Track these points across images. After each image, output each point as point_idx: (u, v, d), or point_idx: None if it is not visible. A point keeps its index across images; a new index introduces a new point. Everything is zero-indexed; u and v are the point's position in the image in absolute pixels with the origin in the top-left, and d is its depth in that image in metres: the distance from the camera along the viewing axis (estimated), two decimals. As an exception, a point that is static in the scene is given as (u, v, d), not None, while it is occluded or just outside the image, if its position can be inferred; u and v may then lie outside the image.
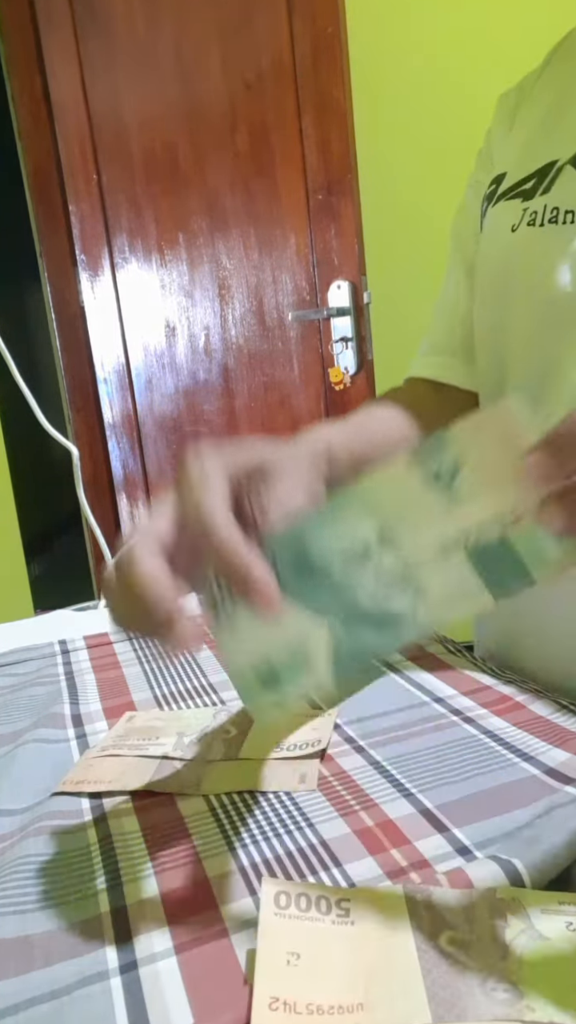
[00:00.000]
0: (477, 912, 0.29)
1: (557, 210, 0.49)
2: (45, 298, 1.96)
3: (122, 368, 1.91)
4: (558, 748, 0.42)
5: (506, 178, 0.55)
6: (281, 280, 1.79)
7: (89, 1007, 0.27)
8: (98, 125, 1.80)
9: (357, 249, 1.73)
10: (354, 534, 0.30)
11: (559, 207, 0.49)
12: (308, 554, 0.30)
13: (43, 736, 0.49)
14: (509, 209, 0.53)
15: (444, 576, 0.29)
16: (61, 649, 0.68)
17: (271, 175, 1.74)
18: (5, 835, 0.39)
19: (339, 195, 1.71)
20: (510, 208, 0.53)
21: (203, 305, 1.85)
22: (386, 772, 0.42)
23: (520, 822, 0.36)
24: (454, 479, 0.27)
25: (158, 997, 0.28)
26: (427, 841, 0.35)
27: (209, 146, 1.76)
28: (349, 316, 1.74)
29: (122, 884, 0.34)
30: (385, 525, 0.29)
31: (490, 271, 0.56)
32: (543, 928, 0.28)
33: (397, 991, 0.26)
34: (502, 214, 0.54)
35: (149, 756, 0.45)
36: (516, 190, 0.54)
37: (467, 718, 0.47)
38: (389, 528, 0.29)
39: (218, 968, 0.29)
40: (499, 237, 0.54)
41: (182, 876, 0.34)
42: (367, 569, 0.30)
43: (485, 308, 0.58)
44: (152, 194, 1.81)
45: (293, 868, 0.34)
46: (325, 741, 0.45)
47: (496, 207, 0.55)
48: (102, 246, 1.86)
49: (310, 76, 1.67)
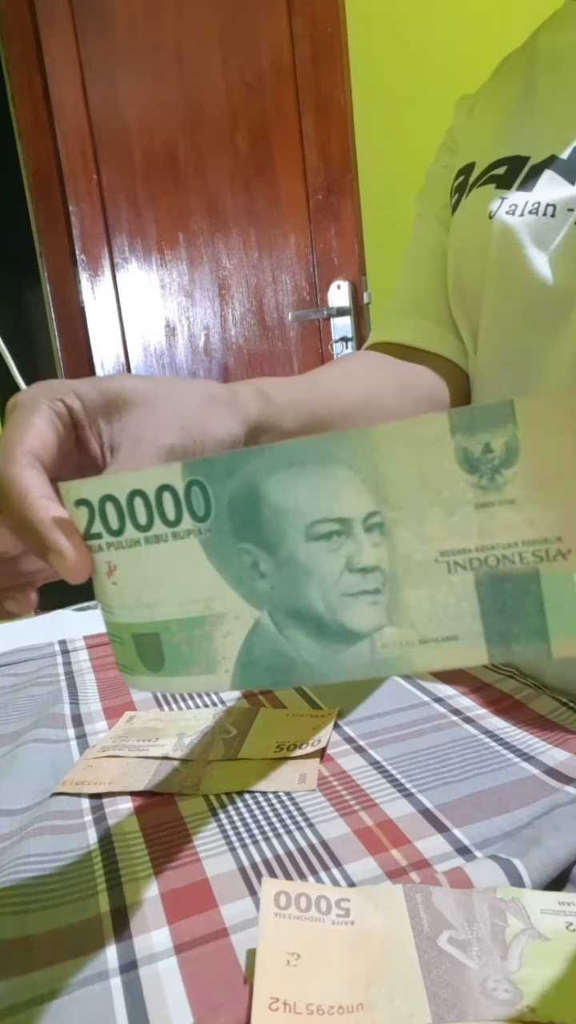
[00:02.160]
0: (477, 912, 0.29)
1: (538, 203, 0.50)
2: (45, 298, 1.96)
3: (122, 368, 1.91)
4: (558, 748, 0.42)
5: (475, 168, 0.56)
6: (281, 280, 1.79)
7: (89, 1007, 0.27)
8: (98, 125, 1.80)
9: (357, 249, 1.72)
10: (333, 501, 0.22)
11: (540, 201, 0.50)
12: (251, 505, 0.23)
13: (43, 736, 0.49)
14: (484, 195, 0.53)
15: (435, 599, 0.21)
16: (61, 649, 0.68)
17: (271, 175, 1.74)
18: (5, 835, 0.39)
19: (339, 195, 1.71)
20: (484, 194, 0.53)
21: (203, 305, 1.85)
22: (386, 772, 0.42)
23: (520, 822, 0.36)
24: (499, 472, 0.20)
25: (158, 997, 0.28)
26: (427, 841, 0.35)
27: (209, 146, 1.76)
28: (349, 316, 1.74)
29: (122, 884, 0.34)
30: (383, 503, 0.21)
31: (465, 254, 0.56)
32: (543, 928, 0.28)
33: (397, 991, 0.26)
34: (476, 201, 0.54)
35: (149, 757, 0.45)
36: (487, 175, 0.54)
37: (467, 718, 0.47)
38: (387, 508, 0.21)
39: (218, 968, 0.29)
40: (476, 222, 0.54)
41: (182, 876, 0.34)
42: (336, 554, 0.22)
43: (458, 291, 0.58)
44: (152, 194, 1.81)
45: (293, 868, 0.34)
46: (325, 741, 0.45)
47: (470, 196, 0.55)
48: (102, 246, 1.86)
49: (310, 76, 1.67)
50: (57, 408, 0.30)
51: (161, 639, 0.25)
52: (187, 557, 0.24)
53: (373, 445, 0.21)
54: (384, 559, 0.22)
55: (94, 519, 0.24)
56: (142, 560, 0.24)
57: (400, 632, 0.22)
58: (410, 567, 0.21)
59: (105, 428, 0.31)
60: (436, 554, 0.21)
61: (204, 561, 0.24)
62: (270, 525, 0.22)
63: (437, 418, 0.20)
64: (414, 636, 0.22)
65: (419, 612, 0.22)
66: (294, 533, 0.22)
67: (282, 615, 0.23)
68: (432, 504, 0.21)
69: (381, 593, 0.22)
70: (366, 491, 0.21)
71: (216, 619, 0.24)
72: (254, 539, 0.23)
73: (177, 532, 0.24)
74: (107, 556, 0.25)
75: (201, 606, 0.24)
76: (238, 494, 0.23)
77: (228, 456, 0.23)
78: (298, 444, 0.22)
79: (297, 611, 0.23)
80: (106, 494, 0.24)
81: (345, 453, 0.21)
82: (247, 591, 0.24)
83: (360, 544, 0.22)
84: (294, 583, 0.23)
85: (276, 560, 0.23)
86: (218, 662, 0.24)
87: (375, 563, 0.22)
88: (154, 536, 0.24)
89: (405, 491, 0.21)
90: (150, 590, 0.25)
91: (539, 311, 0.50)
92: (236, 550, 0.23)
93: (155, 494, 0.23)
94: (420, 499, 0.21)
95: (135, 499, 0.24)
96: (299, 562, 0.22)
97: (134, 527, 0.24)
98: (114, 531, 0.24)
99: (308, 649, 0.23)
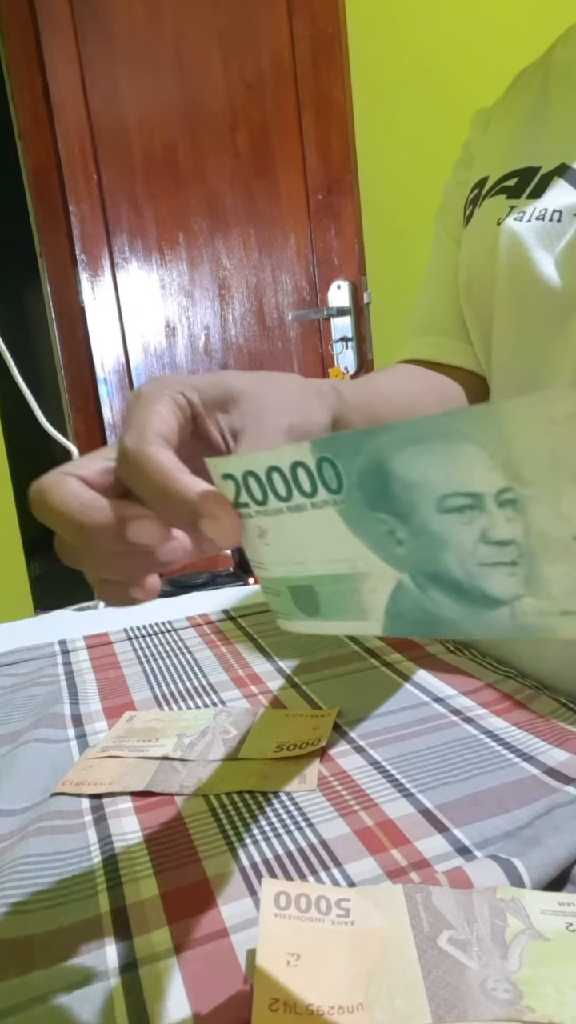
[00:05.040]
0: (477, 912, 0.29)
1: (546, 210, 0.51)
2: (45, 298, 1.96)
3: (122, 368, 1.91)
4: (558, 748, 0.42)
5: (488, 180, 0.57)
6: (281, 280, 1.79)
7: (89, 1007, 0.27)
8: (98, 125, 1.80)
9: (357, 249, 1.73)
10: (464, 477, 0.21)
11: (547, 208, 0.51)
12: (380, 480, 0.23)
13: (43, 736, 0.49)
14: (494, 205, 0.55)
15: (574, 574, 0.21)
16: (61, 649, 0.68)
17: (271, 175, 1.74)
18: (5, 835, 0.39)
19: (339, 195, 1.71)
20: (495, 204, 0.55)
21: (203, 305, 1.85)
22: (386, 772, 0.42)
23: (520, 822, 0.36)
24: None
25: (158, 997, 0.28)
26: (427, 841, 0.35)
27: (209, 146, 1.76)
28: (349, 316, 1.75)
29: (122, 884, 0.34)
30: (516, 481, 0.21)
31: (476, 262, 0.57)
32: (543, 928, 0.28)
33: (397, 991, 0.26)
34: (488, 210, 0.56)
35: (149, 757, 0.45)
36: (499, 186, 0.55)
37: (467, 718, 0.47)
38: (520, 485, 0.21)
39: (218, 968, 0.29)
40: (485, 230, 0.55)
41: (182, 876, 0.34)
42: (470, 527, 0.22)
43: (470, 299, 0.59)
44: (152, 194, 1.81)
45: (293, 868, 0.34)
46: (325, 741, 0.45)
47: (482, 206, 0.57)
48: (102, 246, 1.86)
49: (310, 76, 1.67)
50: (178, 400, 0.31)
51: (315, 590, 0.27)
52: (328, 524, 0.25)
53: (502, 422, 0.20)
54: (520, 534, 0.21)
55: (240, 491, 0.26)
56: (288, 525, 0.26)
57: (540, 603, 0.22)
58: (548, 543, 0.21)
59: (223, 418, 0.33)
60: (574, 532, 0.20)
61: (343, 528, 0.25)
62: (401, 498, 0.23)
63: (568, 395, 0.19)
64: (555, 608, 0.22)
65: (559, 586, 0.21)
66: (426, 505, 0.22)
67: (423, 578, 0.24)
68: (568, 482, 0.20)
69: (518, 565, 0.22)
70: (496, 467, 0.21)
71: (362, 577, 0.25)
72: (387, 510, 0.24)
73: (315, 502, 0.25)
74: (256, 522, 0.27)
75: (347, 565, 0.26)
76: (367, 469, 0.23)
77: (352, 434, 0.23)
78: (421, 422, 0.22)
79: (437, 575, 0.23)
80: (247, 470, 0.26)
81: (472, 429, 0.21)
82: (387, 555, 0.24)
83: (494, 518, 0.21)
84: (431, 551, 0.23)
85: (411, 529, 0.23)
86: (369, 611, 0.26)
87: (510, 537, 0.21)
88: (295, 506, 0.25)
89: (538, 468, 0.20)
90: (299, 550, 0.26)
91: (547, 313, 0.51)
92: (371, 519, 0.24)
93: (290, 470, 0.25)
94: (555, 476, 0.20)
95: (273, 474, 0.25)
96: (434, 532, 0.23)
97: (276, 498, 0.26)
98: (259, 501, 0.26)
99: (451, 608, 0.24)
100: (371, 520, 0.24)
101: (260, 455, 0.25)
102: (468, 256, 0.59)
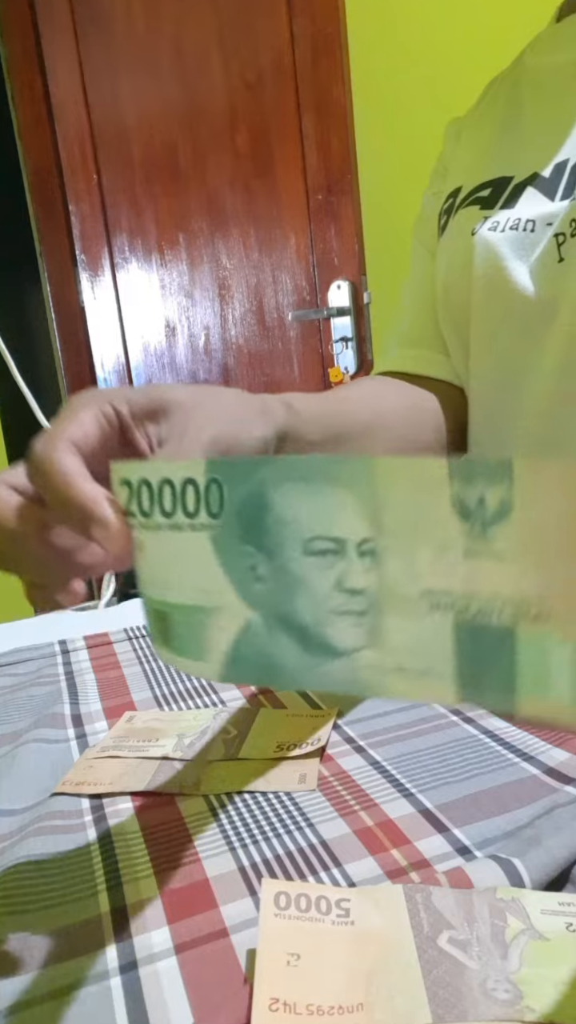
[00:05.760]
0: (477, 912, 0.29)
1: (519, 220, 0.51)
2: (45, 298, 1.96)
3: (122, 368, 1.91)
4: (558, 748, 0.42)
5: (462, 191, 0.58)
6: (281, 280, 1.79)
7: (89, 1007, 0.27)
8: (98, 125, 1.80)
9: (357, 249, 1.73)
10: (332, 521, 0.22)
11: (520, 217, 0.51)
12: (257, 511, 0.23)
13: (43, 736, 0.49)
14: (468, 215, 0.56)
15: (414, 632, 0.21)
16: (61, 649, 0.68)
17: (271, 175, 1.74)
18: (5, 835, 0.39)
19: (339, 195, 1.71)
20: (469, 214, 0.56)
21: (203, 305, 1.85)
22: (386, 772, 0.42)
23: (520, 822, 0.36)
24: (490, 526, 0.20)
25: (158, 997, 0.28)
26: (427, 841, 0.35)
27: (209, 146, 1.76)
28: (349, 316, 1.75)
29: (122, 884, 0.34)
30: (378, 533, 0.21)
31: (452, 272, 0.58)
32: (543, 928, 0.28)
33: (397, 991, 0.26)
34: (462, 221, 0.56)
35: (149, 757, 0.45)
36: (472, 196, 0.56)
37: (467, 718, 0.47)
38: (381, 537, 0.21)
39: (218, 968, 0.29)
40: (460, 240, 0.56)
41: (182, 876, 0.34)
42: (328, 572, 0.22)
43: (447, 309, 0.60)
44: (152, 194, 1.81)
45: (293, 868, 0.34)
46: (325, 741, 0.45)
47: (456, 217, 0.57)
48: (102, 246, 1.86)
49: (310, 76, 1.67)
50: (105, 409, 0.32)
51: (171, 619, 0.26)
52: (198, 549, 0.25)
53: (375, 474, 0.21)
54: (372, 584, 0.22)
55: (131, 499, 0.26)
56: (163, 544, 0.26)
57: (378, 656, 0.22)
58: (395, 598, 0.21)
59: (152, 429, 0.33)
60: (421, 590, 0.21)
61: (212, 556, 0.24)
62: (272, 533, 0.23)
63: (438, 462, 0.20)
64: (391, 663, 0.22)
65: (398, 642, 0.22)
66: (292, 544, 0.23)
67: (273, 619, 0.24)
68: (424, 543, 0.21)
69: (365, 616, 0.22)
70: (364, 516, 0.21)
71: (214, 611, 0.25)
72: (256, 544, 0.24)
73: (194, 524, 0.25)
74: (138, 534, 0.27)
75: (204, 596, 0.25)
76: (249, 499, 0.23)
77: (244, 461, 0.23)
78: (306, 460, 0.22)
79: (286, 618, 0.23)
80: (143, 478, 0.25)
81: (348, 477, 0.21)
82: (244, 591, 0.24)
83: (352, 566, 0.22)
84: (287, 592, 0.23)
85: (273, 566, 0.23)
86: (210, 651, 0.25)
87: (363, 586, 0.22)
88: (175, 524, 0.25)
89: (400, 524, 0.21)
90: (166, 572, 0.26)
91: (523, 322, 0.52)
92: (239, 551, 0.24)
93: (181, 486, 0.24)
94: (413, 535, 0.21)
95: (164, 487, 0.25)
96: (293, 572, 0.23)
97: (160, 513, 0.25)
98: (144, 513, 0.26)
99: (292, 655, 0.24)
100: (239, 552, 0.24)
101: (158, 464, 0.25)
102: (444, 266, 0.59)
